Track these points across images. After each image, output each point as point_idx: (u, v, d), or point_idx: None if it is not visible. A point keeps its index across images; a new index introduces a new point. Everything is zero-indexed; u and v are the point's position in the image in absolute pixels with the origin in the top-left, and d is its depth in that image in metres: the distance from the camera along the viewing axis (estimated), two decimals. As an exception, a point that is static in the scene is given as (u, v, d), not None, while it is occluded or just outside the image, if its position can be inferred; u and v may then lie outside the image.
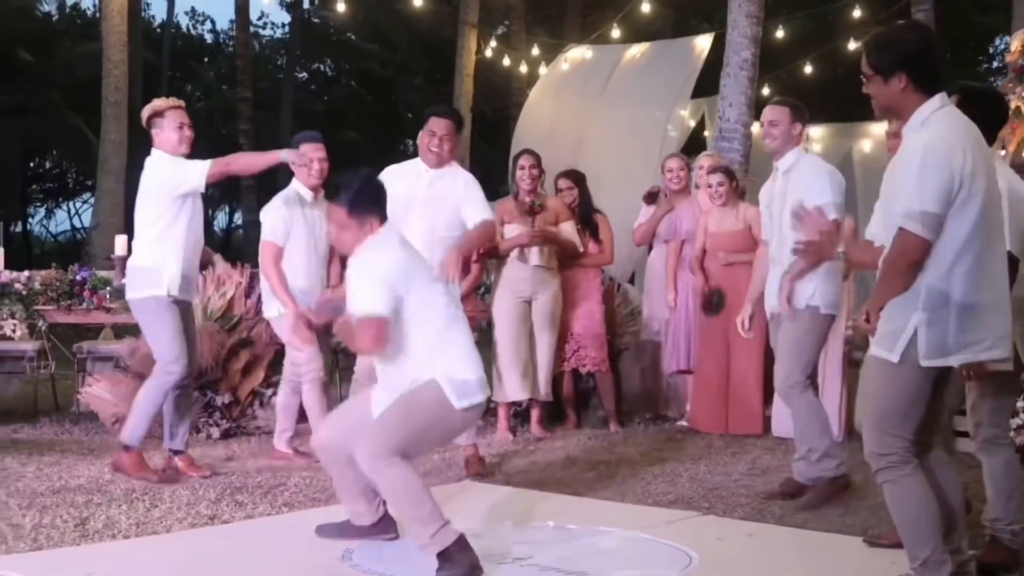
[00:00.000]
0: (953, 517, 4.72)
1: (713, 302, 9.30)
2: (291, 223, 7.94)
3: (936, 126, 4.48)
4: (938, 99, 4.55)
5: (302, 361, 7.95)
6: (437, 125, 7.38)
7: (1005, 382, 5.37)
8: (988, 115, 5.27)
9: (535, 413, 9.19)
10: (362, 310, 5.16)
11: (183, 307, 7.47)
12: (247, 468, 7.79)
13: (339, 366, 10.80)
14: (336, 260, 8.05)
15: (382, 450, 5.19)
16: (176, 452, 7.60)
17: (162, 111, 7.53)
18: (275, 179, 35.32)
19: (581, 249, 9.40)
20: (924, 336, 4.39)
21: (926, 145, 4.43)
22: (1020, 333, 5.14)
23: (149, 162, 7.54)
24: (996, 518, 5.38)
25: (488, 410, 9.37)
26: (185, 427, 7.67)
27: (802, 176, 6.98)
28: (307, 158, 7.76)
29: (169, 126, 7.51)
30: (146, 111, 7.61)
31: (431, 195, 7.30)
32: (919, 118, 4.53)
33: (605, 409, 9.62)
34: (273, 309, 7.98)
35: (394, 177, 6.84)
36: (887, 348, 4.47)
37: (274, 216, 7.97)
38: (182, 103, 7.69)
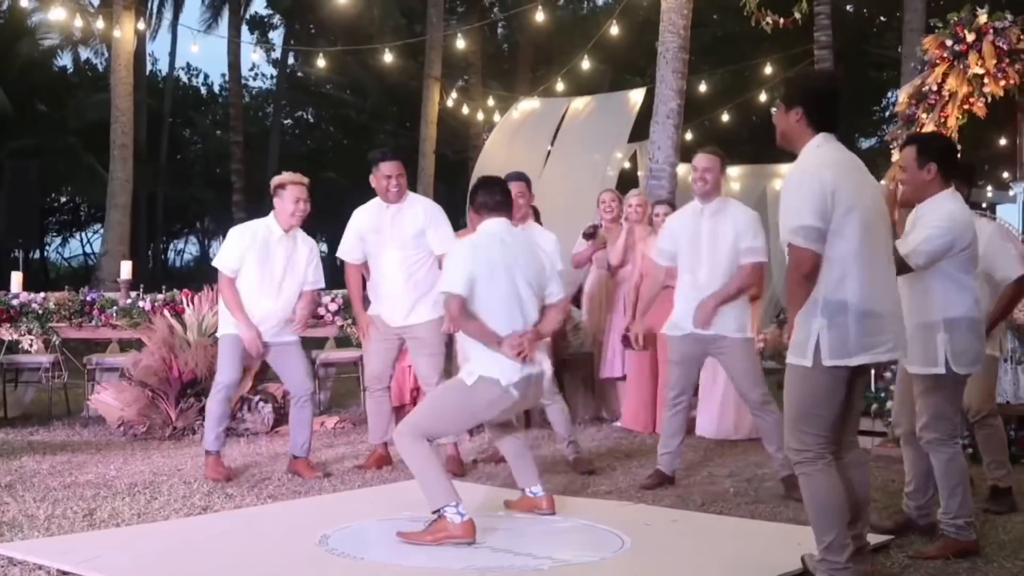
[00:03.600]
0: (858, 509, 4.75)
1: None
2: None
3: (810, 158, 4.56)
4: (821, 137, 4.59)
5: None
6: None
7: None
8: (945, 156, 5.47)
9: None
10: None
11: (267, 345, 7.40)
12: (236, 465, 7.73)
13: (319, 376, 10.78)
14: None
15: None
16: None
17: (285, 184, 7.41)
18: (264, 212, 35.35)
19: None
20: (826, 339, 4.42)
21: (800, 170, 4.53)
22: None
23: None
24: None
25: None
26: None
27: (735, 220, 6.91)
28: None
29: (288, 198, 7.36)
30: (273, 181, 7.53)
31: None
32: (804, 152, 4.61)
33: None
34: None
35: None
36: (799, 355, 4.49)
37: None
38: (305, 180, 7.51)
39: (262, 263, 7.35)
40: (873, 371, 6.98)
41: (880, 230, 4.62)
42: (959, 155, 5.91)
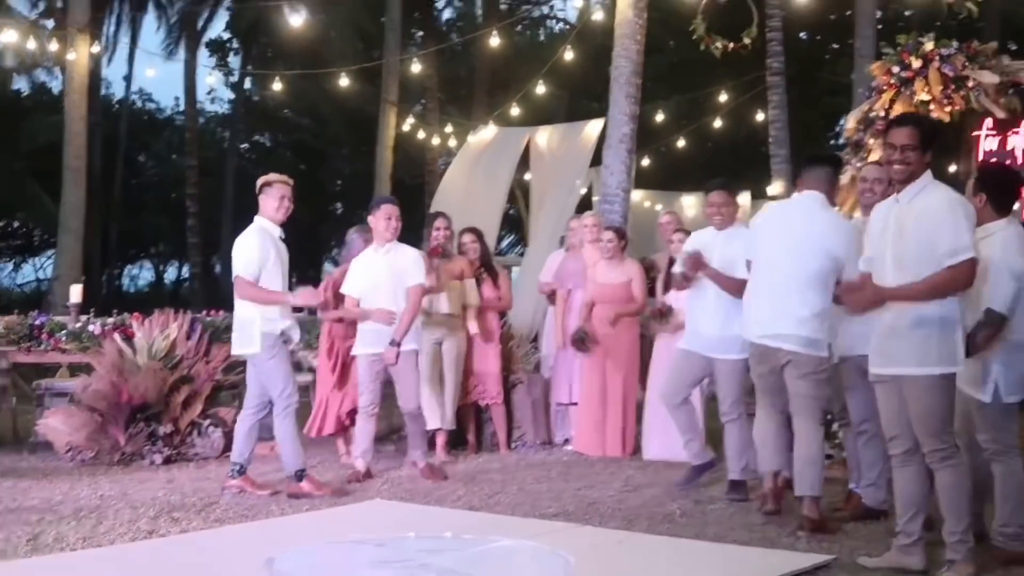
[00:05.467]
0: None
1: (580, 338, 9.39)
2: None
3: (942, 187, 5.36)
4: (930, 174, 5.35)
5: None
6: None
7: None
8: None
9: (441, 439, 9.20)
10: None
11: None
12: (185, 489, 7.73)
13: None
14: None
15: None
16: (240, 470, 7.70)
17: (271, 183, 7.67)
18: (218, 237, 35.12)
19: (478, 303, 9.47)
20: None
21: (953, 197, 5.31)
22: None
23: (247, 229, 7.71)
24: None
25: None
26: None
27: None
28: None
29: (274, 195, 7.63)
30: (259, 181, 7.74)
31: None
32: (923, 183, 5.31)
33: (498, 436, 9.68)
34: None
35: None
36: (949, 363, 5.19)
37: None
38: (290, 180, 7.75)
39: (280, 264, 7.62)
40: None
41: None
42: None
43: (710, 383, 8.22)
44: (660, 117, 22.24)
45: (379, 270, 8.17)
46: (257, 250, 7.49)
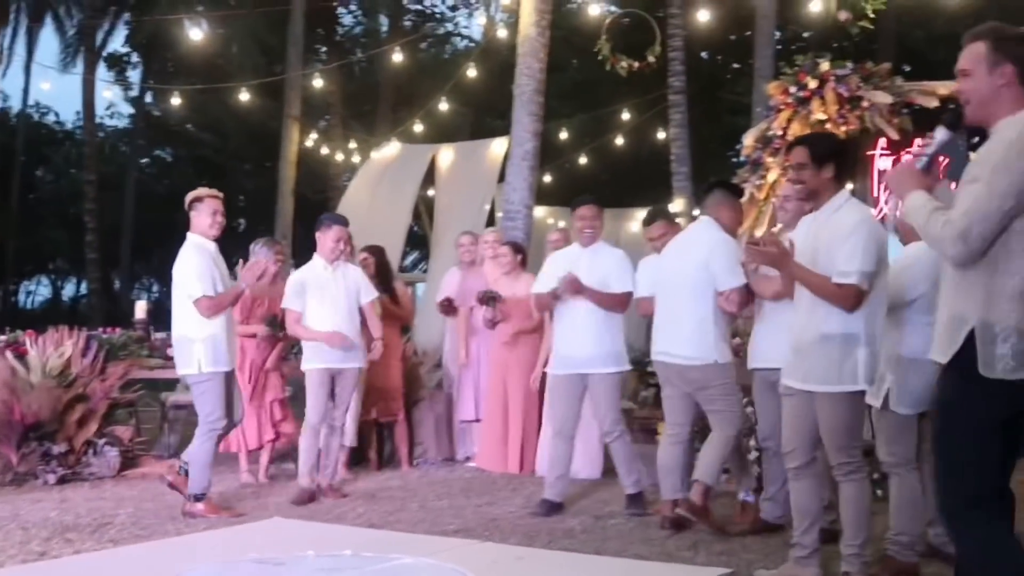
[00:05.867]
0: None
1: (487, 299, 9.39)
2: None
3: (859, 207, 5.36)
4: (848, 191, 5.37)
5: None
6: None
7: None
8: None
9: (342, 456, 9.10)
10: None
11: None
12: (79, 510, 7.58)
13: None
14: None
15: None
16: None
17: (202, 198, 7.54)
18: (118, 252, 34.48)
19: (379, 311, 9.42)
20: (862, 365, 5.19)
21: (864, 219, 5.25)
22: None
23: (182, 249, 7.48)
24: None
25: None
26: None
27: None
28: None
29: (205, 211, 7.50)
30: (188, 196, 7.61)
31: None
32: (840, 200, 5.28)
33: (399, 454, 9.64)
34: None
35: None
36: (849, 382, 5.17)
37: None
38: (220, 194, 7.62)
39: (222, 282, 7.49)
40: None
41: None
42: None
43: None
44: (564, 135, 22.38)
45: (335, 289, 8.14)
46: (203, 267, 7.37)
